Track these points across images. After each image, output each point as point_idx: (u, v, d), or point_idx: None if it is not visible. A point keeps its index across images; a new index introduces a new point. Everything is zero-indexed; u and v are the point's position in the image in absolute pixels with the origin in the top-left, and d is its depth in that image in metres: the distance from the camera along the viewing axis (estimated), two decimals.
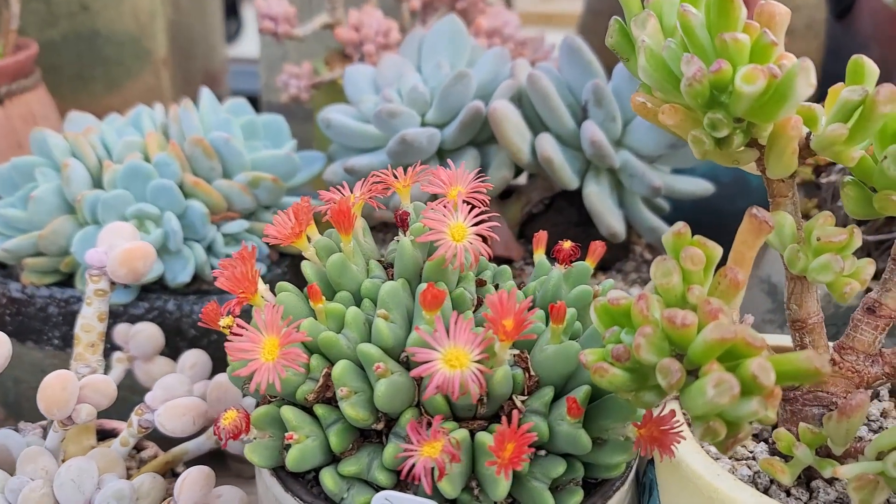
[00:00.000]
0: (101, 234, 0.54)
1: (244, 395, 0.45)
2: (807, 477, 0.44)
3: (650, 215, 0.66)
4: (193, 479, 0.44)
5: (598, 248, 0.47)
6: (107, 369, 0.58)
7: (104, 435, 0.55)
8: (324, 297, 0.42)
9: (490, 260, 0.48)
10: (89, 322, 0.52)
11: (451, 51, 0.68)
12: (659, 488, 0.45)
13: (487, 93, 0.66)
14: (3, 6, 0.86)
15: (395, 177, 0.48)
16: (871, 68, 0.38)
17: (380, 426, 0.40)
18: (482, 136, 0.66)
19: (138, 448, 0.55)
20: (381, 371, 0.39)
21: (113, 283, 0.52)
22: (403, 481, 0.40)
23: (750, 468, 0.44)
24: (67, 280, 0.64)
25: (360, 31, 0.79)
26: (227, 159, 0.65)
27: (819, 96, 0.40)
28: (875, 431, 0.47)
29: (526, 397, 0.41)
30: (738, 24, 0.36)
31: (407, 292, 0.43)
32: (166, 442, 0.53)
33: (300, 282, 0.46)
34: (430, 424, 0.37)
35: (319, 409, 0.40)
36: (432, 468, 0.35)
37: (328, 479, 0.39)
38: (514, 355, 0.42)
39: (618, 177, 0.65)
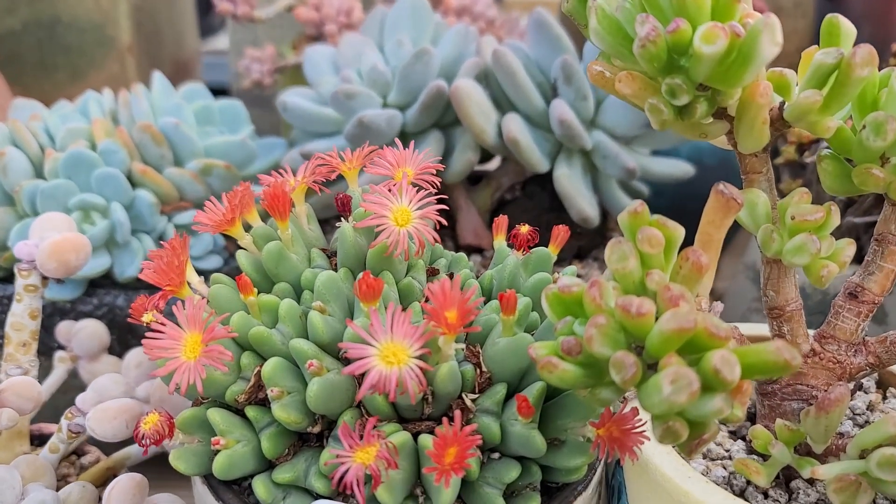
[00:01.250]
0: (32, 226, 0.50)
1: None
2: (786, 477, 0.41)
3: (625, 198, 0.63)
4: (122, 487, 0.40)
5: (561, 233, 0.43)
6: (49, 370, 0.55)
7: (43, 440, 0.51)
8: (255, 290, 0.39)
9: (459, 249, 0.45)
10: (19, 320, 0.49)
11: (413, 28, 0.64)
12: (628, 491, 0.42)
13: (452, 72, 0.62)
14: None
15: (342, 159, 0.44)
16: (847, 28, 0.35)
17: (316, 429, 0.37)
18: (447, 118, 0.62)
19: (79, 453, 0.52)
20: (315, 369, 0.35)
21: (45, 278, 0.49)
22: (342, 490, 0.37)
23: (725, 468, 0.41)
24: (9, 277, 0.60)
25: (320, 11, 0.75)
26: (177, 146, 0.62)
27: None
28: (861, 426, 0.44)
29: (477, 395, 0.37)
30: None
31: (349, 283, 0.39)
32: (111, 446, 0.50)
33: None
34: (363, 426, 0.33)
35: (251, 412, 0.37)
36: (367, 476, 0.32)
37: (260, 487, 0.36)
38: (465, 349, 0.38)
39: (590, 158, 0.62)
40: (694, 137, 0.38)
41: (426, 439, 0.35)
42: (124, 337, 0.61)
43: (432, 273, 0.43)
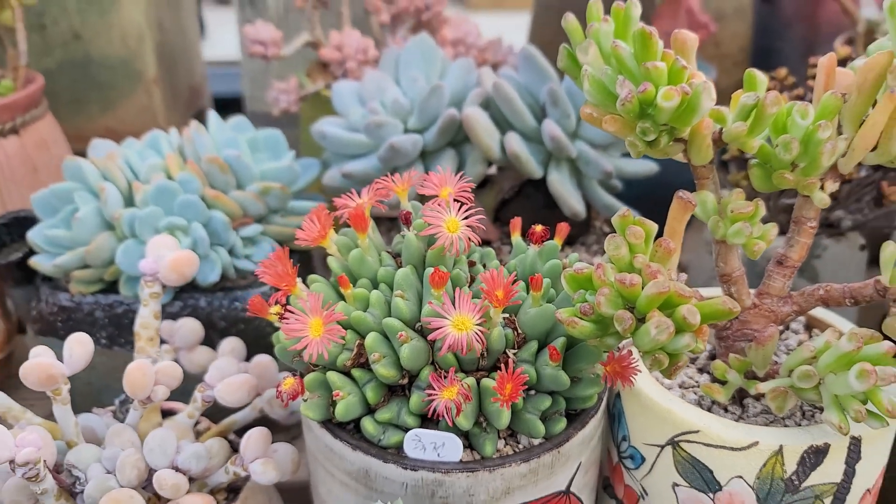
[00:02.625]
0: (148, 247, 0.64)
1: (293, 367, 0.56)
2: (739, 396, 0.56)
3: (605, 195, 0.78)
4: (256, 437, 0.55)
5: (563, 229, 0.58)
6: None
7: (164, 415, 0.65)
8: (351, 285, 0.53)
9: (477, 245, 0.59)
10: (147, 320, 0.62)
11: (424, 65, 0.79)
12: (626, 415, 0.57)
13: (458, 99, 0.76)
14: (9, 44, 0.94)
15: (394, 182, 0.58)
16: (761, 78, 0.50)
17: (404, 381, 0.51)
18: (458, 138, 0.77)
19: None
20: (404, 338, 0.50)
21: (164, 286, 0.63)
22: (427, 422, 0.51)
23: (696, 394, 0.56)
24: (110, 287, 0.74)
25: (342, 51, 0.89)
26: (238, 173, 0.75)
27: (745, 70, 0.51)
28: None
29: (516, 350, 0.52)
30: (657, 53, 0.47)
31: (415, 276, 0.54)
32: (215, 416, 0.64)
33: (306, 271, 0.56)
34: (445, 375, 0.48)
35: (356, 372, 0.51)
36: (451, 407, 0.47)
37: (369, 424, 0.51)
38: (505, 319, 0.53)
39: (575, 164, 0.77)
40: (659, 156, 0.53)
41: (488, 381, 0.49)
42: (206, 332, 0.74)
43: (471, 265, 0.58)
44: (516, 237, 0.60)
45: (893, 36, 0.48)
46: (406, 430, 0.52)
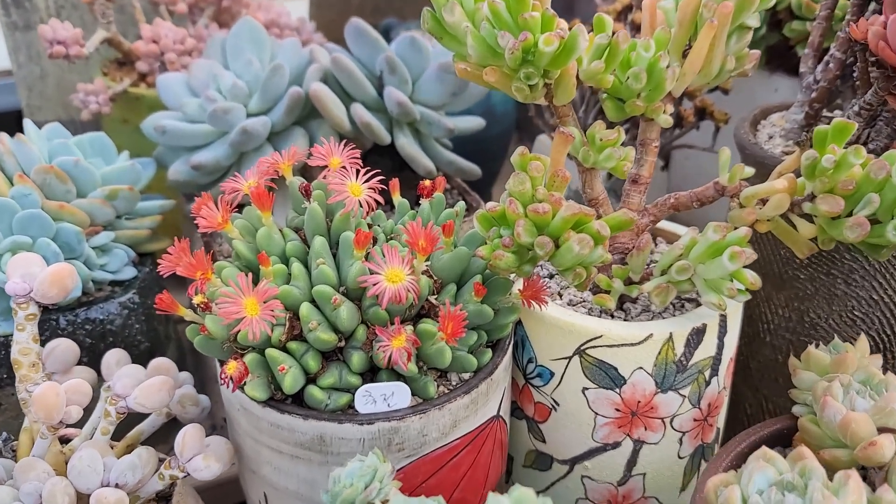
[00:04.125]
0: (8, 268, 0.59)
1: (218, 356, 0.55)
2: (620, 303, 0.64)
3: (446, 151, 0.83)
4: (192, 434, 0.54)
5: (441, 182, 0.62)
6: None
7: (61, 440, 0.61)
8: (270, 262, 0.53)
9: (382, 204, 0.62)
10: (25, 346, 0.58)
11: (254, 48, 0.78)
12: (530, 338, 0.63)
13: (296, 78, 0.77)
14: None
15: (279, 158, 0.59)
16: (608, 21, 0.57)
17: (342, 343, 0.53)
18: (302, 115, 0.78)
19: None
20: (338, 302, 0.51)
21: (39, 306, 0.58)
22: (366, 379, 0.54)
23: (585, 308, 0.63)
24: None
25: (158, 42, 0.85)
26: (77, 179, 0.71)
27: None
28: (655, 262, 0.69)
29: (436, 296, 0.56)
30: (529, 5, 0.52)
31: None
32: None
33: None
34: (390, 326, 0.50)
35: (292, 345, 0.52)
36: (403, 354, 0.49)
37: (316, 392, 0.52)
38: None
39: (415, 126, 0.81)
40: (526, 101, 0.58)
41: (425, 327, 0.52)
42: None
43: (369, 227, 0.60)
44: (397, 197, 0.63)
45: None
46: (349, 390, 0.54)
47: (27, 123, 0.75)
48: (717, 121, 0.83)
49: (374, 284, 0.50)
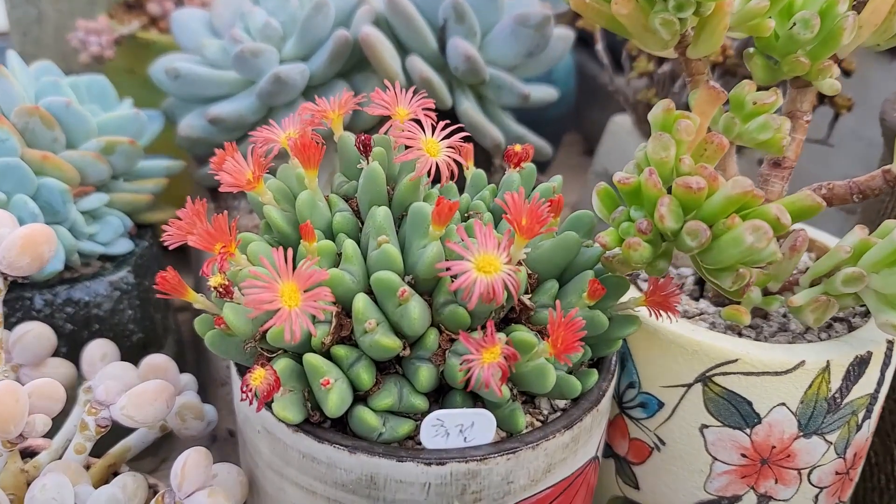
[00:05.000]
0: None
1: (237, 360, 0.41)
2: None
3: (515, 124, 0.69)
4: (195, 460, 0.40)
5: (530, 150, 0.48)
6: None
7: (25, 455, 0.47)
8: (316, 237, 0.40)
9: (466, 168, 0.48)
10: None
11: None
12: (634, 359, 0.49)
13: (341, 19, 0.63)
14: None
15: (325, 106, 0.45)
16: None
17: (406, 352, 0.39)
18: (345, 67, 0.64)
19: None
20: (406, 295, 0.38)
21: (6, 278, 0.45)
22: (431, 403, 0.40)
23: (705, 322, 0.49)
24: None
25: None
26: (69, 126, 0.57)
27: None
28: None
29: (530, 295, 0.42)
30: None
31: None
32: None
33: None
34: (485, 329, 0.36)
35: (340, 351, 0.38)
36: (496, 373, 0.36)
37: (368, 416, 0.38)
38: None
39: (479, 91, 0.67)
40: (661, 48, 0.44)
41: (522, 336, 0.38)
42: None
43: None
44: (472, 167, 0.50)
45: None
46: (411, 416, 0.40)
47: (12, 56, 0.61)
48: (839, 108, 0.70)
49: (461, 274, 0.36)
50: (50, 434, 0.46)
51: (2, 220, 0.45)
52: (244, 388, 0.36)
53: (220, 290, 0.38)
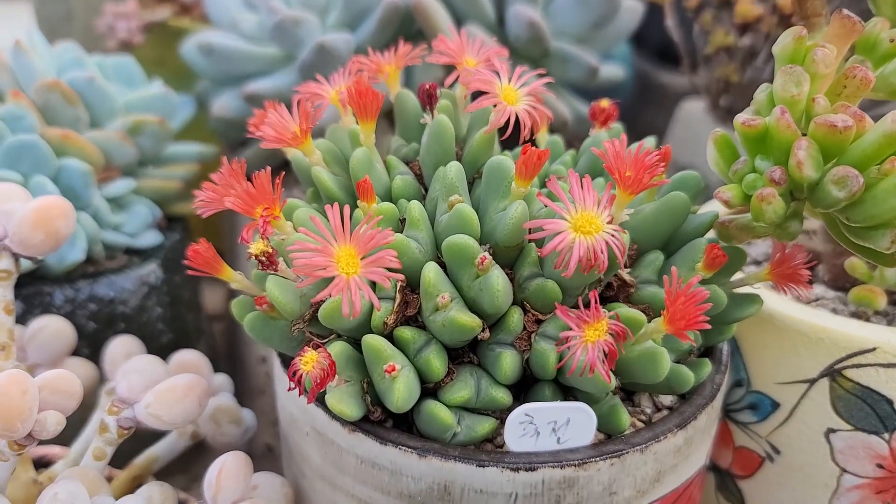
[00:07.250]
0: None
1: (294, 341, 0.35)
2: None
3: (579, 103, 0.63)
4: (232, 468, 0.33)
5: (612, 109, 0.42)
6: None
7: (39, 465, 0.41)
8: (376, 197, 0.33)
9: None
10: None
11: None
12: (744, 352, 0.42)
13: None
14: None
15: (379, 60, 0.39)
16: None
17: (486, 335, 0.32)
18: (395, 39, 0.58)
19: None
20: (487, 263, 0.31)
21: (17, 259, 0.39)
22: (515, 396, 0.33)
23: (825, 307, 0.42)
24: None
25: None
26: (93, 103, 0.52)
27: None
28: None
29: (629, 269, 0.35)
30: None
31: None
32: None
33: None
34: (579, 307, 0.30)
35: (406, 333, 0.32)
36: (602, 354, 0.29)
37: (441, 412, 0.31)
38: None
39: (541, 66, 0.60)
40: None
41: (628, 312, 0.32)
42: None
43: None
44: (545, 132, 0.43)
45: None
46: (492, 412, 0.33)
47: (33, 33, 0.56)
48: None
49: (553, 236, 0.29)
50: (67, 440, 0.40)
51: (13, 194, 0.40)
52: (292, 376, 0.29)
53: (263, 258, 0.31)
